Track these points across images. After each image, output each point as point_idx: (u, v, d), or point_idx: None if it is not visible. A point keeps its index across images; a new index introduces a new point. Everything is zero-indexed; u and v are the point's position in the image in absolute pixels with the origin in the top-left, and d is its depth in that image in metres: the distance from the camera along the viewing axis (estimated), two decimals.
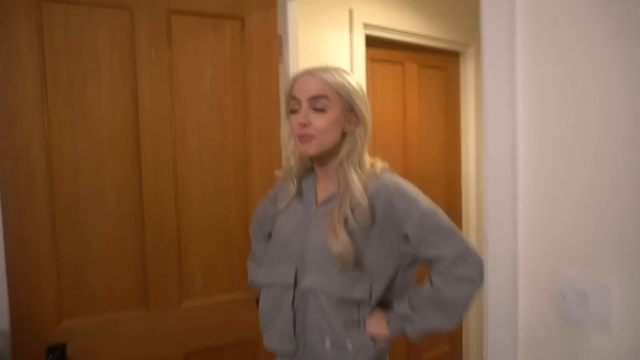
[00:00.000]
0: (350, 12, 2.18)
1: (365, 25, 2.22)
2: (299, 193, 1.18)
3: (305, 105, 1.07)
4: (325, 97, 1.05)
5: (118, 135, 1.42)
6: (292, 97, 1.10)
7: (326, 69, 1.08)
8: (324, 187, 1.16)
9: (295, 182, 1.17)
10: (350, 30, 2.18)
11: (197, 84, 1.53)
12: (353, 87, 1.09)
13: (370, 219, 1.05)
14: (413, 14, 2.42)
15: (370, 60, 2.33)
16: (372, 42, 2.30)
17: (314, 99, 1.06)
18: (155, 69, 1.45)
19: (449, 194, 2.74)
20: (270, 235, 1.22)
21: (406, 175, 2.52)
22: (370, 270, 1.07)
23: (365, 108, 1.10)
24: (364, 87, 2.24)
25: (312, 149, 1.07)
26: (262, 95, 1.61)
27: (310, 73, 1.08)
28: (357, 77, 2.17)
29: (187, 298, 1.52)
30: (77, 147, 1.36)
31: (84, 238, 1.38)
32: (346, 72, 1.10)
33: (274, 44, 1.64)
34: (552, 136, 0.84)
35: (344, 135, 1.10)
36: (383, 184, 1.08)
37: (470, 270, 1.02)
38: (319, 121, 1.06)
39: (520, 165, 0.88)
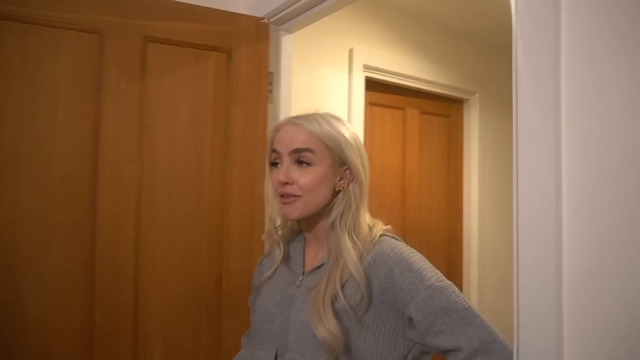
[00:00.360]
0: (350, 53, 2.04)
1: (366, 67, 2.10)
2: (286, 259, 0.99)
3: (286, 160, 0.90)
4: (309, 150, 0.89)
5: (72, 174, 1.21)
6: (272, 150, 0.93)
7: (312, 117, 0.91)
8: (314, 253, 0.97)
9: (282, 247, 1.00)
10: (350, 71, 2.05)
11: (172, 120, 1.34)
12: (344, 138, 0.91)
13: (367, 297, 0.84)
14: (416, 59, 2.30)
15: (370, 103, 2.19)
16: (372, 85, 2.17)
17: (296, 152, 0.89)
18: (124, 101, 1.27)
19: (450, 247, 2.59)
20: None
21: (404, 226, 2.40)
22: None
23: (360, 162, 0.92)
24: (361, 132, 2.11)
25: (295, 211, 0.90)
26: (247, 136, 1.42)
27: (293, 122, 0.91)
28: (354, 120, 2.01)
29: None
30: (19, 189, 1.15)
31: (18, 299, 1.14)
32: (337, 119, 0.93)
33: (264, 81, 1.47)
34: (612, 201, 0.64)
35: (335, 193, 0.91)
36: (382, 252, 0.87)
37: None
38: (303, 178, 0.88)
39: (565, 242, 0.67)
